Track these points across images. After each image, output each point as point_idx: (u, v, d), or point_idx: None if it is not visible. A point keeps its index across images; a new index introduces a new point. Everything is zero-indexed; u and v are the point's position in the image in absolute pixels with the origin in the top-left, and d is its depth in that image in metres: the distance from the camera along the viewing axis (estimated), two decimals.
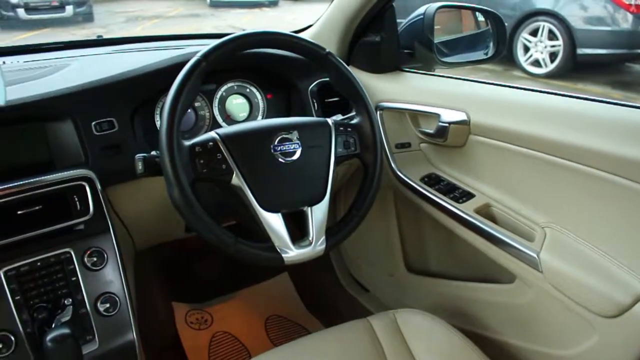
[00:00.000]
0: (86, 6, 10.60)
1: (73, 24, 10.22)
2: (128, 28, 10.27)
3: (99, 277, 1.20)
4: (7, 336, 1.09)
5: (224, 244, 1.08)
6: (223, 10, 11.73)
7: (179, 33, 1.98)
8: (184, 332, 2.00)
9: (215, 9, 11.96)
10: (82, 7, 10.47)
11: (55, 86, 1.28)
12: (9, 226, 1.13)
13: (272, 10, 12.19)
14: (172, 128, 1.05)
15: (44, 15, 9.92)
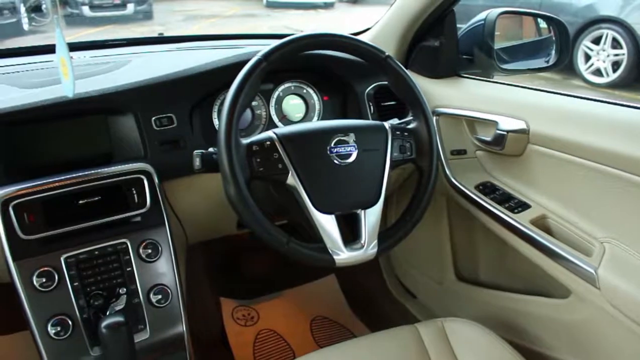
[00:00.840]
0: (146, 4, 10.89)
1: (133, 22, 10.50)
2: (186, 26, 10.48)
3: (153, 269, 1.23)
4: (65, 320, 1.13)
5: (277, 242, 1.09)
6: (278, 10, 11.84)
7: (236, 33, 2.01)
8: (230, 328, 2.03)
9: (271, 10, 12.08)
10: (142, 5, 10.77)
11: (119, 81, 1.32)
12: (70, 215, 1.17)
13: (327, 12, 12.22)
14: (230, 126, 1.06)
15: (107, 12, 10.25)
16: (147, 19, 10.83)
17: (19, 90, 1.34)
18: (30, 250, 1.14)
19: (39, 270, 1.13)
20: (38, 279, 1.12)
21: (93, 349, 1.16)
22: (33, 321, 1.12)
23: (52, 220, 1.15)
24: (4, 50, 1.80)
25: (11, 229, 1.12)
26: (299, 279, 2.25)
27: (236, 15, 11.57)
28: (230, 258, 2.22)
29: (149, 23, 10.67)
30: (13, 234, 1.12)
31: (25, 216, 1.13)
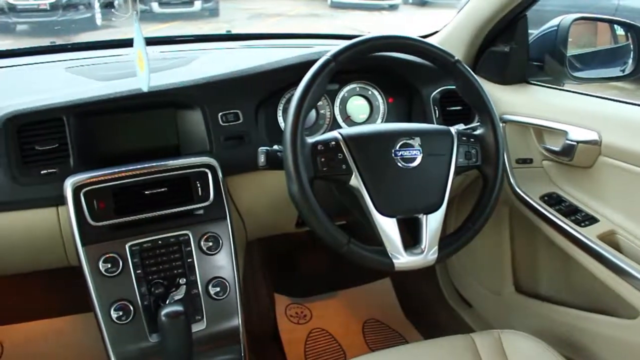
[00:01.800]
0: (213, 2, 11.12)
1: (200, 18, 10.74)
2: (251, 24, 10.64)
3: (213, 262, 1.25)
4: (127, 305, 1.17)
5: (337, 243, 1.09)
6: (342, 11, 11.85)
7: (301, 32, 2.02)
8: (283, 324, 2.05)
9: (335, 10, 12.11)
10: (209, 2, 11.00)
11: (188, 76, 1.35)
12: (137, 204, 1.21)
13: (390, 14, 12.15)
14: (297, 124, 1.07)
15: (175, 9, 10.52)
16: (213, 16, 11.05)
17: (95, 82, 1.40)
18: (98, 236, 1.18)
19: (105, 256, 1.17)
20: (104, 265, 1.16)
21: (152, 335, 1.19)
22: (97, 304, 1.17)
23: (120, 209, 1.19)
24: (80, 44, 1.88)
25: (82, 214, 1.16)
26: (353, 280, 2.25)
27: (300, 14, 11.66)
28: (286, 255, 2.24)
29: (215, 20, 10.89)
30: (83, 220, 1.16)
31: (95, 203, 1.17)
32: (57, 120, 1.23)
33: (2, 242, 1.30)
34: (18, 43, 9.28)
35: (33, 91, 1.35)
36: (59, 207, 1.24)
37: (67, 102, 1.25)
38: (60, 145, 1.23)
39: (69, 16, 9.59)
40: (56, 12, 9.50)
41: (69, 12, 9.64)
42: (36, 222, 1.26)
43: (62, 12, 9.52)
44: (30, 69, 1.64)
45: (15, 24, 9.76)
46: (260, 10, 11.76)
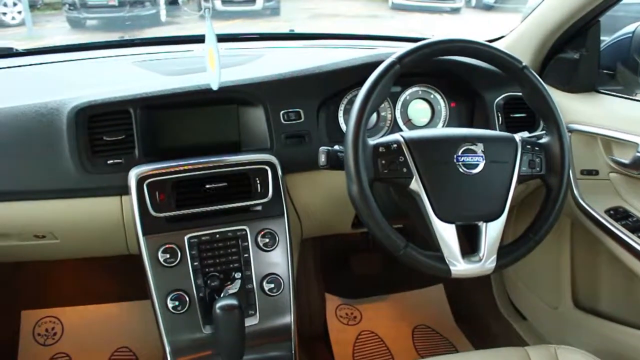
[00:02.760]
0: (274, 1, 11.23)
1: (261, 17, 10.87)
2: (311, 24, 10.67)
3: (268, 258, 1.26)
4: (183, 296, 1.20)
5: (394, 246, 1.08)
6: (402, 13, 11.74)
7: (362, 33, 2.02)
8: (333, 324, 2.05)
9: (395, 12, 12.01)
10: (270, 1, 11.11)
11: (253, 74, 1.37)
12: (197, 198, 1.24)
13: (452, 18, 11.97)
14: (359, 125, 1.07)
15: (237, 7, 10.68)
16: (274, 15, 11.16)
17: (161, 77, 1.44)
18: (158, 227, 1.21)
19: (165, 246, 1.20)
20: (163, 255, 1.19)
21: (205, 327, 1.21)
22: (155, 293, 1.20)
23: (181, 201, 1.22)
24: (148, 39, 1.94)
25: (144, 205, 1.20)
26: (405, 284, 2.23)
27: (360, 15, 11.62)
28: (339, 256, 2.24)
29: (276, 19, 10.99)
30: (145, 210, 1.20)
31: (157, 195, 1.20)
32: (124, 112, 1.27)
33: (69, 227, 1.36)
34: (88, 37, 9.64)
35: (103, 83, 1.40)
36: (123, 196, 1.28)
37: (135, 95, 1.29)
38: (126, 136, 1.27)
39: (135, 12, 9.90)
40: (123, 8, 9.83)
41: (136, 9, 9.95)
42: (100, 210, 1.31)
43: (129, 8, 9.85)
44: (100, 62, 1.70)
45: (85, 19, 10.15)
46: (320, 10, 11.79)
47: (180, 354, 1.22)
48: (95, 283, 2.08)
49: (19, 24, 9.75)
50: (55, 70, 1.64)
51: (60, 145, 1.24)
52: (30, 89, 1.45)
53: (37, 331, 2.00)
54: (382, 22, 11.18)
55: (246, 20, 10.27)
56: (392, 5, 12.35)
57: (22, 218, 1.32)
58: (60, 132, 1.24)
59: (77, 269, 2.05)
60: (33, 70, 1.64)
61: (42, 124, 1.26)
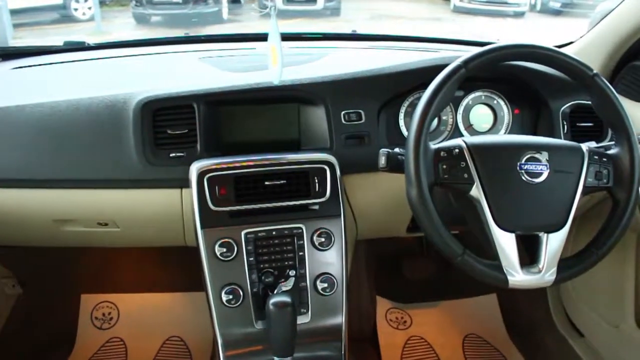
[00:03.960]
0: (335, 1, 11.25)
1: (321, 17, 10.91)
2: (371, 25, 10.64)
3: (323, 257, 1.26)
4: (237, 290, 1.21)
5: (452, 253, 1.06)
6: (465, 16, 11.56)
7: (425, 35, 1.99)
8: (382, 327, 2.04)
9: (457, 15, 11.83)
10: (331, 1, 11.14)
11: (315, 73, 1.38)
12: (256, 194, 1.25)
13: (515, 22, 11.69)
14: (422, 129, 1.06)
15: (298, 6, 10.75)
16: (334, 15, 11.18)
17: (225, 73, 1.46)
18: (217, 221, 1.23)
19: (222, 240, 1.22)
20: (220, 248, 1.21)
21: (257, 322, 1.23)
22: (210, 286, 1.22)
23: (240, 196, 1.24)
24: (212, 36, 1.99)
25: (203, 199, 1.22)
26: (458, 291, 2.20)
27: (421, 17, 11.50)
28: (392, 259, 2.22)
29: (336, 19, 11.01)
30: (204, 204, 1.22)
31: (216, 189, 1.22)
32: (188, 107, 1.30)
33: (130, 216, 1.40)
34: (152, 33, 9.93)
35: (168, 78, 1.44)
36: (183, 189, 1.31)
37: (199, 91, 1.31)
38: (189, 131, 1.30)
39: (198, 9, 10.12)
40: (187, 5, 10.05)
41: (199, 6, 10.16)
42: (161, 201, 1.34)
43: (192, 5, 10.06)
44: (166, 57, 1.74)
45: (150, 16, 10.45)
46: (381, 12, 11.74)
47: (231, 347, 1.24)
48: (152, 272, 2.14)
49: (88, 20, 10.15)
50: (124, 64, 1.70)
51: (126, 136, 1.28)
52: (100, 81, 1.51)
53: (95, 315, 2.08)
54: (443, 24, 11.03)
55: (306, 20, 10.33)
56: (454, 8, 12.18)
57: (87, 205, 1.37)
58: (126, 124, 1.28)
59: (135, 258, 2.11)
60: (103, 63, 1.70)
61: (110, 115, 1.30)
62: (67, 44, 1.88)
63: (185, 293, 2.10)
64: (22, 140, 1.33)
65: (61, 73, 1.64)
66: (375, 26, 10.51)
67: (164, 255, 1.93)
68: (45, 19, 9.79)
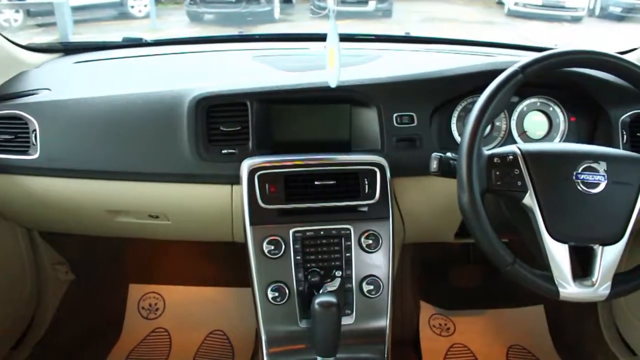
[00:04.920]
0: (387, 3, 11.19)
1: (372, 18, 10.86)
2: (423, 27, 10.54)
3: (370, 259, 1.26)
4: (283, 288, 1.22)
5: (502, 261, 1.05)
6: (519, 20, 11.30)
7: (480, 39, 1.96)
8: (425, 333, 2.02)
9: (511, 19, 11.57)
10: (383, 3, 11.08)
11: (369, 75, 1.37)
12: (306, 193, 1.26)
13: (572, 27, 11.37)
14: (475, 134, 1.04)
15: (349, 8, 10.74)
16: (386, 16, 11.12)
17: (279, 72, 1.47)
18: (265, 219, 1.24)
19: (270, 238, 1.23)
20: (267, 246, 1.22)
21: (302, 321, 1.23)
22: (256, 282, 1.23)
23: (290, 195, 1.25)
24: (266, 35, 2.01)
25: (253, 196, 1.23)
26: (504, 301, 2.15)
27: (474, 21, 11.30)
28: (438, 265, 2.20)
29: (387, 21, 10.96)
30: (254, 201, 1.23)
31: (267, 187, 1.24)
32: (241, 104, 1.32)
33: (180, 210, 1.43)
34: (205, 31, 10.11)
35: (223, 75, 1.46)
36: (234, 186, 1.33)
37: (253, 89, 1.33)
38: (242, 128, 1.32)
39: (250, 9, 10.23)
40: (240, 4, 10.18)
41: (251, 5, 10.28)
42: (211, 196, 1.37)
43: (245, 4, 10.18)
44: (220, 55, 1.77)
45: (203, 14, 10.63)
46: (433, 14, 11.61)
47: (274, 344, 1.24)
48: (198, 266, 2.18)
49: (144, 17, 10.41)
50: (180, 60, 1.73)
51: (180, 132, 1.31)
52: (156, 77, 1.54)
53: (142, 305, 2.13)
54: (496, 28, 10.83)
55: (357, 21, 10.31)
56: (508, 12, 11.91)
57: (140, 198, 1.41)
58: (181, 119, 1.31)
59: (183, 251, 2.15)
60: (160, 59, 1.74)
61: (165, 110, 1.34)
62: (125, 40, 1.94)
63: (230, 288, 2.12)
64: (81, 132, 1.38)
65: (120, 68, 1.69)
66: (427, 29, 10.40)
67: (211, 250, 1.96)
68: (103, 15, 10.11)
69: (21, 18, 8.14)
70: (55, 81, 1.55)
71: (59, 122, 1.40)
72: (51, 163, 1.39)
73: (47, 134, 1.39)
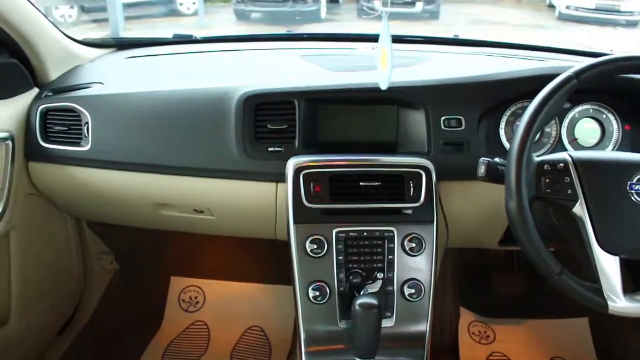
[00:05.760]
0: (435, 5, 11.10)
1: (419, 20, 10.77)
2: (470, 30, 10.41)
3: (413, 263, 1.25)
4: (324, 288, 1.22)
5: (549, 271, 1.02)
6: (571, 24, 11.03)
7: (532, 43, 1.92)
8: (464, 340, 1.99)
9: (563, 23, 11.29)
10: (431, 5, 11.00)
11: (418, 77, 1.37)
12: (350, 194, 1.25)
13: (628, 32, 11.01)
14: (526, 140, 1.03)
15: (397, 9, 10.68)
16: (433, 18, 11.04)
17: (327, 72, 1.47)
18: (309, 218, 1.24)
19: (313, 237, 1.23)
20: (310, 245, 1.22)
21: (342, 321, 1.23)
22: (298, 280, 1.23)
23: (334, 195, 1.25)
24: (315, 35, 2.01)
25: (298, 195, 1.24)
26: (547, 311, 2.11)
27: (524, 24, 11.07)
28: (480, 271, 2.17)
29: (434, 23, 10.86)
30: (299, 200, 1.24)
31: (312, 186, 1.24)
32: (289, 103, 1.33)
33: (225, 206, 1.45)
34: (251, 29, 10.22)
35: (271, 74, 1.47)
36: (279, 184, 1.34)
37: (302, 88, 1.34)
38: (289, 127, 1.33)
39: (297, 8, 10.30)
40: (287, 3, 10.26)
41: (298, 4, 10.34)
42: (256, 194, 1.38)
43: (292, 3, 10.25)
44: (268, 53, 1.79)
45: (250, 12, 10.75)
46: (481, 17, 11.44)
47: (313, 343, 1.24)
48: (239, 262, 2.20)
49: (192, 14, 10.59)
50: (229, 58, 1.76)
51: (228, 128, 1.33)
52: (206, 73, 1.57)
53: (183, 298, 2.17)
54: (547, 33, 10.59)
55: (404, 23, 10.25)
56: (559, 16, 11.63)
57: (186, 192, 1.43)
58: (229, 116, 1.33)
59: (225, 246, 2.18)
60: (209, 56, 1.77)
61: (213, 107, 1.36)
62: (176, 37, 1.97)
63: (270, 285, 2.14)
64: (131, 126, 1.42)
65: (170, 64, 1.73)
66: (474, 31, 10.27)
67: (253, 247, 1.98)
68: (153, 12, 10.34)
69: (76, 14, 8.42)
70: (108, 76, 1.59)
71: (111, 115, 1.44)
72: (102, 155, 1.43)
73: (99, 127, 1.43)
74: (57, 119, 1.47)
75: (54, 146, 1.47)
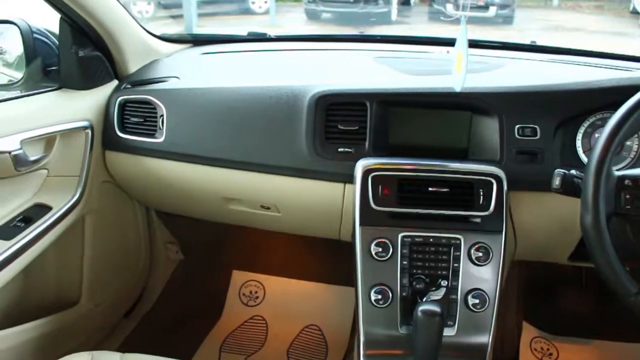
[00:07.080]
0: (509, 9, 10.80)
1: (491, 24, 10.51)
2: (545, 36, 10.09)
3: (478, 273, 1.23)
4: (386, 291, 1.21)
5: (624, 291, 0.98)
6: None
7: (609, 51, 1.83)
8: (526, 356, 1.93)
9: None
10: (505, 9, 10.71)
11: (493, 83, 1.34)
12: (418, 199, 1.24)
13: None
14: (607, 153, 0.99)
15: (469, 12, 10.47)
16: (506, 23, 10.75)
17: (400, 74, 1.47)
18: (375, 220, 1.24)
19: (378, 240, 1.23)
20: (375, 248, 1.22)
21: (402, 326, 1.22)
22: (360, 282, 1.23)
23: (402, 199, 1.24)
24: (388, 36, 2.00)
25: (366, 196, 1.24)
26: (616, 333, 2.01)
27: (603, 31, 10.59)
28: (546, 286, 2.10)
29: (507, 28, 10.58)
30: (366, 202, 1.24)
31: (380, 189, 1.24)
32: (361, 104, 1.33)
33: (292, 204, 1.46)
34: (321, 29, 10.27)
35: (343, 74, 1.47)
36: (347, 184, 1.34)
37: (374, 89, 1.33)
38: (359, 128, 1.33)
39: (368, 9, 10.27)
40: (358, 4, 10.25)
41: (369, 5, 10.31)
42: (323, 193, 1.38)
43: (363, 4, 10.23)
44: (341, 54, 1.79)
45: (321, 12, 10.81)
46: (558, 23, 11.04)
47: (372, 346, 1.24)
48: (301, 260, 2.22)
49: (263, 13, 10.76)
50: (302, 56, 1.77)
51: (299, 127, 1.34)
52: (279, 71, 1.59)
53: (243, 291, 2.20)
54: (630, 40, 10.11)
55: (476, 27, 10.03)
56: None
57: (255, 188, 1.46)
58: (300, 115, 1.34)
59: (288, 243, 2.20)
60: (282, 54, 1.79)
61: (285, 105, 1.37)
62: (250, 35, 2.01)
63: (330, 285, 2.14)
64: (204, 120, 1.45)
65: (244, 61, 1.76)
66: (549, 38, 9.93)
67: (315, 245, 1.99)
68: (225, 10, 10.56)
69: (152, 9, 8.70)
70: (183, 70, 1.64)
71: (185, 109, 1.48)
72: (174, 147, 1.47)
73: (173, 120, 1.47)
74: (134, 110, 1.53)
75: (130, 136, 1.52)
